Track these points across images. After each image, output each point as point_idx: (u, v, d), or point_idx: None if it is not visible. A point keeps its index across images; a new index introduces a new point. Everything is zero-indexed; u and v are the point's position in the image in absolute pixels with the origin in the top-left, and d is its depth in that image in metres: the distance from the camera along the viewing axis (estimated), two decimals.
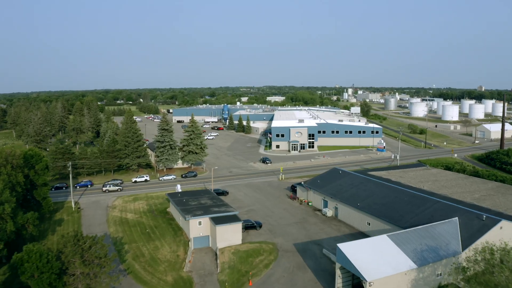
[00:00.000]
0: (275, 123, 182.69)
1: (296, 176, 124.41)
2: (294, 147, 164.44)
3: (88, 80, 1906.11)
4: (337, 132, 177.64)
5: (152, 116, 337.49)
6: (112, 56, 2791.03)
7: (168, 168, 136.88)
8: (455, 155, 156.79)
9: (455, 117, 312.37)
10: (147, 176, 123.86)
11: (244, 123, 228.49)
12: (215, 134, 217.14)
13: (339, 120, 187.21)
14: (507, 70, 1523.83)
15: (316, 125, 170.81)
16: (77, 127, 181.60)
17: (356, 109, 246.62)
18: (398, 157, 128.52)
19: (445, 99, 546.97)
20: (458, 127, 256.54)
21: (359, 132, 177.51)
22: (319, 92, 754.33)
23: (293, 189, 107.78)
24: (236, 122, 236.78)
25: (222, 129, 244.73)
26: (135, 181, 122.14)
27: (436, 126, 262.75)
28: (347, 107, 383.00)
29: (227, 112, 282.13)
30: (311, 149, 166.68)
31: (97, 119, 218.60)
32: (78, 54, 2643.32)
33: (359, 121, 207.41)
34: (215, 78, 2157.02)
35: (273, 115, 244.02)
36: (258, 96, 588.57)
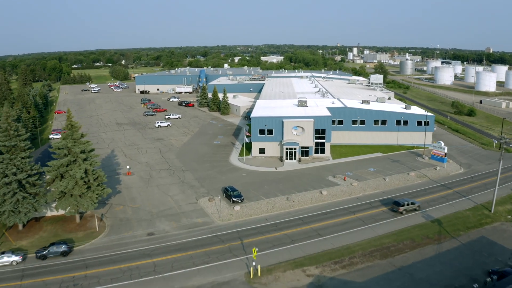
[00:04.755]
0: (259, 107, 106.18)
1: (294, 262, 50.72)
2: (291, 153, 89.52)
3: (88, 41, 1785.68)
4: (362, 122, 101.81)
5: (118, 83, 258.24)
6: (107, 14, 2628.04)
7: (35, 219, 63.21)
8: None
9: (492, 88, 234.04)
10: None
11: (221, 96, 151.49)
12: (176, 116, 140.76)
13: (364, 101, 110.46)
14: None
15: (328, 113, 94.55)
16: None
17: (378, 78, 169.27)
18: None
19: (462, 62, 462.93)
20: (511, 104, 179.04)
21: (398, 122, 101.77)
22: (321, 51, 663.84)
23: None
24: (211, 95, 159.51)
25: (192, 106, 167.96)
26: None
27: (481, 102, 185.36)
28: (356, 71, 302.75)
29: (204, 79, 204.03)
30: (319, 155, 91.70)
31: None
32: (78, 13, 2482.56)
33: (389, 99, 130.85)
34: (213, 36, 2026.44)
35: (262, 86, 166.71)
36: (253, 56, 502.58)
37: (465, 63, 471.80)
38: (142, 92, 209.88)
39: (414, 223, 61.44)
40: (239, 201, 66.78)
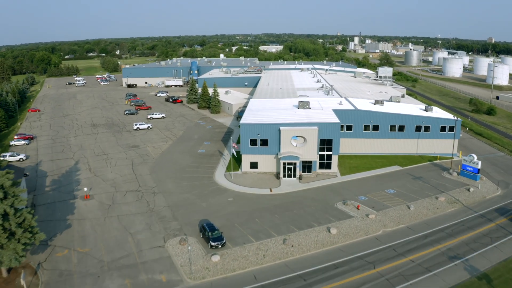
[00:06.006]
0: (251, 109, 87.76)
1: None
2: (289, 168, 71.76)
3: (86, 30, 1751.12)
4: (375, 128, 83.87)
5: (106, 75, 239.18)
6: (106, 3, 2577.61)
7: None
8: None
9: (505, 81, 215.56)
10: None
11: (211, 91, 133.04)
12: (159, 116, 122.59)
13: (376, 102, 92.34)
14: None
15: (335, 119, 76.40)
16: None
17: (386, 71, 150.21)
18: None
19: (467, 52, 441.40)
20: None
21: (418, 128, 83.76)
22: (321, 40, 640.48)
23: None
24: (200, 90, 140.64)
25: (180, 102, 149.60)
26: None
27: (497, 98, 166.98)
28: (359, 62, 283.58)
29: (196, 71, 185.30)
30: (325, 171, 73.94)
31: None
32: (77, 1, 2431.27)
33: (403, 96, 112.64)
34: (212, 25, 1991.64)
35: (259, 79, 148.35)
36: (252, 45, 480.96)
37: (470, 53, 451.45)
38: (129, 86, 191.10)
39: (456, 281, 44.00)
40: (219, 246, 49.28)
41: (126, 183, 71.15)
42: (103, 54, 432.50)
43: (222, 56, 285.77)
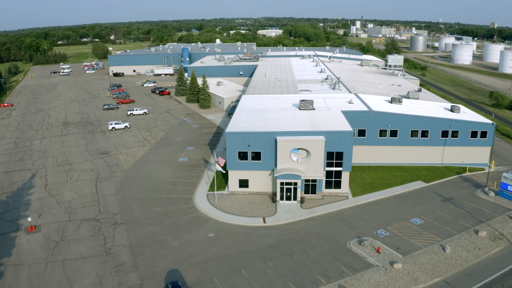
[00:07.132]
0: (242, 110, 71.56)
1: None
2: (288, 189, 56.61)
3: (84, 14, 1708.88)
4: (393, 133, 68.33)
5: (94, 63, 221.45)
6: None
7: None
8: None
9: None
10: None
11: (200, 81, 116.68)
12: (141, 112, 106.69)
13: (393, 100, 76.35)
14: None
15: (347, 126, 60.50)
16: None
17: (397, 59, 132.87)
18: None
19: (473, 37, 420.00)
20: None
21: (445, 133, 68.11)
22: (321, 24, 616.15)
23: None
24: (189, 81, 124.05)
25: (168, 94, 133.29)
26: None
27: None
28: (363, 47, 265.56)
29: (187, 59, 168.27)
30: (333, 191, 58.77)
31: None
32: None
33: (420, 90, 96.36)
34: (211, 8, 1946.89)
35: (255, 68, 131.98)
36: (251, 29, 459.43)
37: (476, 38, 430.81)
38: (115, 74, 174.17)
39: None
40: None
41: (84, 208, 55.95)
42: (97, 40, 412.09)
43: (218, 41, 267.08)
